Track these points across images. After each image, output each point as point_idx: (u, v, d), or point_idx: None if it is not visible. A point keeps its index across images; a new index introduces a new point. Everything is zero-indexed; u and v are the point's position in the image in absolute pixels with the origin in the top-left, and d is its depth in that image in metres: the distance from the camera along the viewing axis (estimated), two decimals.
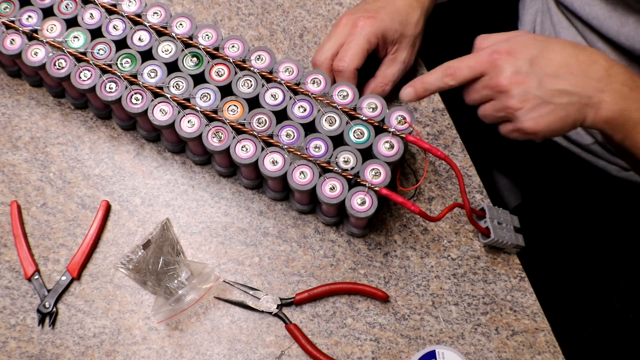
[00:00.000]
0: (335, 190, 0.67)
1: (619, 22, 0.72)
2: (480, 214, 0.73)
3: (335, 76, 0.74)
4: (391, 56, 0.76)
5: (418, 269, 0.73)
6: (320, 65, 0.74)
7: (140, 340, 0.70)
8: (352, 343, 0.70)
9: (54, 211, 0.75)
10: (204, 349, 0.70)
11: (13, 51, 0.73)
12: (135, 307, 0.71)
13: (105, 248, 0.74)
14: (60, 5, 0.75)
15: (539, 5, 0.87)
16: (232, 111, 0.70)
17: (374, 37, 0.72)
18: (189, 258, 0.73)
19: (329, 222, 0.74)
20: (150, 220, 0.75)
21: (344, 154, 0.68)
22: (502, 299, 0.72)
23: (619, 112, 0.58)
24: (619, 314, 0.82)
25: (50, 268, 0.72)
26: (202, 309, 0.71)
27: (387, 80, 0.76)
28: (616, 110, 0.58)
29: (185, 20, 0.74)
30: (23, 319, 0.71)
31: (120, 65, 0.72)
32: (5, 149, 0.77)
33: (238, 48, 0.73)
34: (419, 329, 0.71)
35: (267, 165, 0.68)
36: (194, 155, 0.76)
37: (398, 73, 0.77)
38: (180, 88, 0.71)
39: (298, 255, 0.74)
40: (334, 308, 0.71)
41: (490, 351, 0.70)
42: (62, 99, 0.80)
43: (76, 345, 0.70)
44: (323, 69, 0.74)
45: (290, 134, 0.69)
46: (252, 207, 0.76)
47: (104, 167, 0.77)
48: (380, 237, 0.74)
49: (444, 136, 0.79)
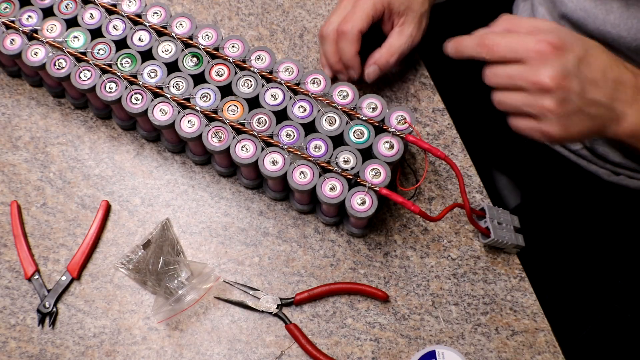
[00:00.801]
0: (335, 190, 0.67)
1: (604, 10, 0.72)
2: (480, 214, 0.73)
3: (339, 41, 0.72)
4: (398, 28, 0.74)
5: (418, 269, 0.73)
6: (327, 37, 0.73)
7: (140, 340, 0.70)
8: (352, 343, 0.70)
9: (54, 211, 0.75)
10: (204, 349, 0.70)
11: (13, 51, 0.73)
12: (135, 307, 0.71)
13: (105, 248, 0.74)
14: (60, 5, 0.75)
15: (529, 10, 0.87)
16: (232, 111, 0.70)
17: (380, 4, 0.72)
18: (189, 258, 0.73)
19: (329, 222, 0.74)
20: (150, 220, 0.75)
21: (344, 154, 0.68)
22: (502, 299, 0.72)
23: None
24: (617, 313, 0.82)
25: (50, 268, 0.72)
26: (202, 309, 0.71)
27: (392, 51, 0.74)
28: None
29: (185, 20, 0.74)
30: (23, 319, 0.71)
31: (120, 65, 0.72)
32: (5, 149, 0.77)
33: (238, 48, 0.73)
34: (419, 329, 0.71)
35: (267, 165, 0.68)
36: (194, 155, 0.76)
37: (404, 46, 0.75)
38: (180, 88, 0.71)
39: (298, 255, 0.74)
40: (334, 308, 0.71)
41: (490, 351, 0.70)
42: (62, 99, 0.80)
43: (76, 345, 0.70)
44: (330, 40, 0.73)
45: (290, 134, 0.69)
46: (252, 207, 0.76)
47: (104, 167, 0.77)
48: (380, 237, 0.74)
49: (444, 136, 0.79)
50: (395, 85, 0.81)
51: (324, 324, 0.71)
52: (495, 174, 1.00)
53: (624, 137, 0.59)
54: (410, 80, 0.82)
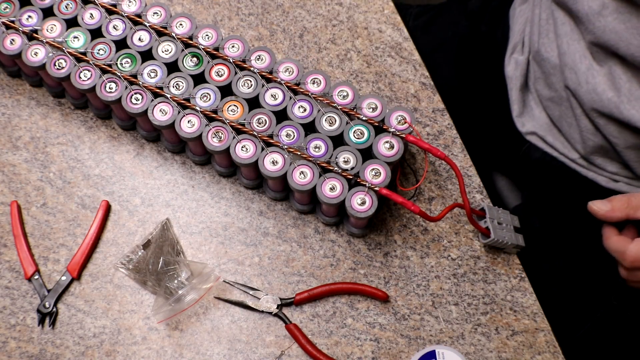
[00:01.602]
0: (335, 190, 0.67)
1: (636, 34, 0.68)
2: (480, 214, 0.73)
3: None
4: None
5: (418, 269, 0.73)
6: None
7: (140, 340, 0.70)
8: (352, 343, 0.70)
9: (54, 211, 0.75)
10: (204, 349, 0.70)
11: (13, 51, 0.73)
12: (135, 307, 0.71)
13: (105, 248, 0.74)
14: (60, 5, 0.75)
15: (529, 14, 0.87)
16: (232, 111, 0.70)
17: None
18: (189, 258, 0.73)
19: (329, 222, 0.74)
20: (150, 220, 0.75)
21: (344, 154, 0.68)
22: (502, 299, 0.72)
23: None
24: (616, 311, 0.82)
25: (50, 268, 0.72)
26: (202, 309, 0.71)
27: None
28: None
29: (185, 20, 0.74)
30: (23, 319, 0.71)
31: (120, 65, 0.72)
32: (5, 149, 0.77)
33: (238, 48, 0.73)
34: (419, 329, 0.71)
35: (267, 165, 0.68)
36: (194, 155, 0.76)
37: None
38: (180, 88, 0.71)
39: (298, 255, 0.74)
40: (334, 308, 0.71)
41: (490, 351, 0.70)
42: (62, 99, 0.80)
43: (76, 345, 0.70)
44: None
45: (290, 134, 0.69)
46: (252, 207, 0.76)
47: (104, 167, 0.77)
48: (380, 237, 0.74)
49: (444, 136, 0.79)
50: (395, 85, 0.81)
51: (324, 324, 0.71)
52: (495, 174, 1.00)
53: None
54: (410, 80, 0.82)
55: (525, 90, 0.86)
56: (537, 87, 0.83)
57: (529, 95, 0.86)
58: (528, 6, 0.88)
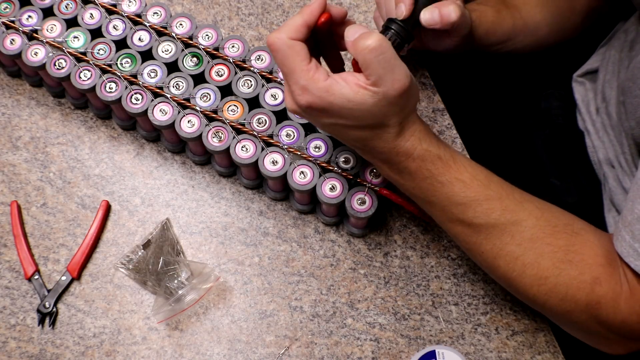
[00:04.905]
0: (335, 190, 0.67)
1: None
2: None
3: None
4: None
5: (418, 269, 0.73)
6: None
7: (140, 340, 0.70)
8: (352, 343, 0.70)
9: (54, 211, 0.75)
10: (204, 349, 0.70)
11: (13, 51, 0.73)
12: (135, 307, 0.71)
13: (105, 248, 0.74)
14: (60, 5, 0.75)
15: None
16: (232, 111, 0.70)
17: None
18: (189, 258, 0.73)
19: (329, 222, 0.74)
20: (150, 220, 0.75)
21: (344, 154, 0.68)
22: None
23: None
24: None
25: (50, 268, 0.72)
26: (202, 309, 0.71)
27: None
28: None
29: (185, 20, 0.74)
30: (23, 319, 0.71)
31: (120, 65, 0.72)
32: (5, 149, 0.77)
33: (238, 48, 0.73)
34: (419, 329, 0.71)
35: (267, 165, 0.68)
36: (194, 155, 0.76)
37: None
38: (180, 88, 0.71)
39: (298, 255, 0.74)
40: (334, 308, 0.71)
41: (490, 351, 0.70)
42: (62, 99, 0.80)
43: (76, 345, 0.70)
44: None
45: (290, 134, 0.69)
46: (252, 207, 0.76)
47: (104, 167, 0.77)
48: (380, 237, 0.74)
49: (444, 136, 0.79)
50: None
51: (324, 324, 0.71)
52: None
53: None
54: None
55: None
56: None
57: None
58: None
